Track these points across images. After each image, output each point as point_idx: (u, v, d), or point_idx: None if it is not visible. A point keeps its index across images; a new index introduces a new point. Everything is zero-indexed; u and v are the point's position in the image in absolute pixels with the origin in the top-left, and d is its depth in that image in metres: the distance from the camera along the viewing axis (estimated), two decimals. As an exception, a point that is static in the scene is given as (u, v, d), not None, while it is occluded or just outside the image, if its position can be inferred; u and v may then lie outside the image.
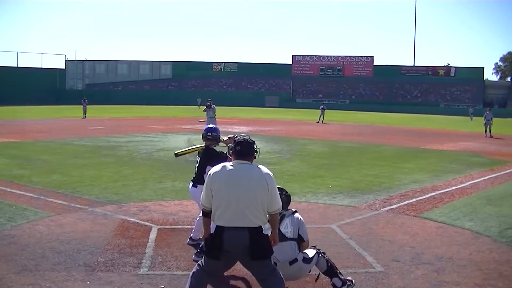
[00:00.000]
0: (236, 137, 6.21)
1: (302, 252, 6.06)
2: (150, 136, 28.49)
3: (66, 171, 15.37)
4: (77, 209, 10.46)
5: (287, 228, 6.03)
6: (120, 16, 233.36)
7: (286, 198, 6.30)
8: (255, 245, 5.11)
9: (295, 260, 5.91)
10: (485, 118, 34.97)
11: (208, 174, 5.40)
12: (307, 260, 5.97)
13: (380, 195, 12.76)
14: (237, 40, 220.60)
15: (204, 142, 8.16)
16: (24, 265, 7.02)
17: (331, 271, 6.08)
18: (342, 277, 6.12)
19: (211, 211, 5.28)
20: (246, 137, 5.59)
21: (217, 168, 5.35)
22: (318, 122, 45.95)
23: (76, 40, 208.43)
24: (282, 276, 5.41)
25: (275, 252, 5.71)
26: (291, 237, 6.03)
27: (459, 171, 17.25)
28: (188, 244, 8.16)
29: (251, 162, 5.40)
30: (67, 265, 7.11)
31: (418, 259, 7.75)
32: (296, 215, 6.25)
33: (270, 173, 5.32)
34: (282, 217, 6.08)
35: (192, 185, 8.10)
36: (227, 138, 7.93)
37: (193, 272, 5.38)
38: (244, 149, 5.41)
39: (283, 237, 5.94)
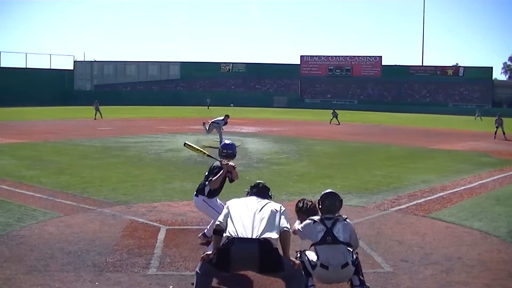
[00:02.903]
0: (235, 166, 7.59)
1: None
2: (159, 137, 28.54)
3: (75, 171, 15.43)
4: (86, 210, 10.50)
5: (339, 232, 5.98)
6: (128, 17, 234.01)
7: (339, 203, 6.33)
8: (265, 258, 5.17)
9: (347, 264, 5.87)
10: (496, 122, 33.93)
11: (229, 202, 5.89)
12: (353, 262, 5.97)
13: (389, 195, 12.74)
14: (245, 41, 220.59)
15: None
16: (33, 266, 7.05)
17: (356, 269, 6.06)
18: (362, 278, 6.10)
19: (223, 230, 5.46)
20: (263, 182, 6.37)
21: (237, 199, 5.96)
22: (338, 124, 44.96)
23: (85, 41, 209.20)
24: (303, 274, 5.62)
25: (328, 255, 5.83)
26: (343, 241, 5.98)
27: (468, 171, 17.18)
28: (199, 237, 8.27)
29: None
30: (76, 265, 7.13)
31: (427, 259, 7.73)
32: (348, 221, 6.22)
33: (283, 207, 5.80)
34: (335, 221, 6.07)
35: (195, 195, 8.13)
36: (227, 163, 7.87)
37: (199, 267, 5.46)
38: (259, 191, 6.18)
39: (335, 240, 5.93)
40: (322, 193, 6.41)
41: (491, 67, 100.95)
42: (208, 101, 76.79)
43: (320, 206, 6.31)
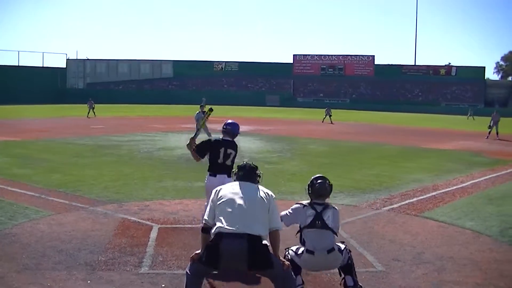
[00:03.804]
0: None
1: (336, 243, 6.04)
2: (151, 135, 28.51)
3: (67, 170, 15.38)
4: (78, 208, 10.47)
5: (329, 219, 5.99)
6: (121, 15, 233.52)
7: (330, 187, 6.25)
8: (253, 254, 5.11)
9: (332, 249, 5.89)
10: (492, 119, 33.26)
11: (214, 190, 5.66)
12: (341, 250, 5.98)
13: (381, 194, 12.76)
14: (238, 39, 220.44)
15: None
16: (25, 264, 7.03)
17: (349, 268, 6.05)
18: (356, 279, 6.09)
19: (210, 228, 5.38)
20: (249, 163, 5.95)
21: (222, 185, 5.71)
22: (331, 123, 44.95)
23: (77, 39, 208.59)
24: (294, 276, 5.54)
25: (314, 240, 5.84)
26: (332, 227, 5.99)
27: (460, 171, 17.23)
28: None
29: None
30: (68, 264, 7.11)
31: (419, 258, 7.75)
32: (336, 208, 6.22)
33: (272, 193, 5.64)
34: (326, 207, 6.06)
35: (229, 175, 8.17)
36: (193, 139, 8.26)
37: (189, 268, 5.42)
38: (247, 174, 5.78)
39: (324, 225, 5.93)
40: (312, 177, 6.33)
41: (484, 67, 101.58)
42: (204, 100, 76.56)
43: (309, 191, 6.26)
